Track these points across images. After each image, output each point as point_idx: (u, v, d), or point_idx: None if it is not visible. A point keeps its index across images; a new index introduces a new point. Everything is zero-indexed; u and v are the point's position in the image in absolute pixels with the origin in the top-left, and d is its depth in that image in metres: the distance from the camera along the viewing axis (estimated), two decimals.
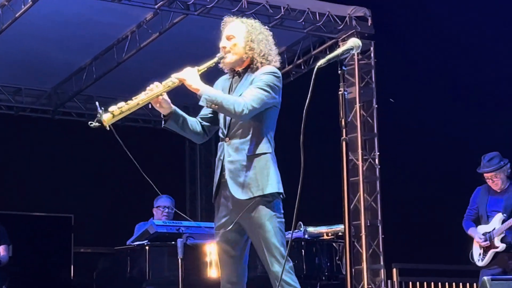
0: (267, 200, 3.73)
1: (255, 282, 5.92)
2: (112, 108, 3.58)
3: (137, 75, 8.62)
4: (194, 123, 3.88)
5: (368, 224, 8.18)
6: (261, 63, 3.79)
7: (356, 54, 8.02)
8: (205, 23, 7.72)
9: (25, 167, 9.41)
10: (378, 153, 8.15)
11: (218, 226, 3.83)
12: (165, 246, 6.61)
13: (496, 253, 6.40)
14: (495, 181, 6.40)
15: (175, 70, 3.77)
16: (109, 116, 3.55)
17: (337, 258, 7.02)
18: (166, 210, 7.35)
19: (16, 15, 7.54)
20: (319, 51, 8.87)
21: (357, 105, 8.10)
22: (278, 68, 4.11)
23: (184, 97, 4.22)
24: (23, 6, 7.51)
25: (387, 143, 8.18)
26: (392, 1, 8.76)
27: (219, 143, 3.87)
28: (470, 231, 6.56)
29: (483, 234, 6.44)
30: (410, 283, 8.59)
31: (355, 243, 8.02)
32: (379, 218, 8.14)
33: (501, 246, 6.32)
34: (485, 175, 6.43)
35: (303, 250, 6.88)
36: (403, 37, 9.06)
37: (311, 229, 6.89)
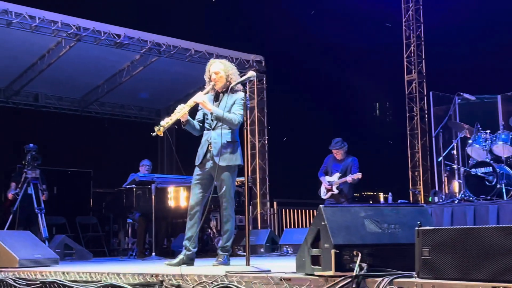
0: (233, 167, 4.99)
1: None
2: (162, 123, 4.81)
3: (131, 90, 11.96)
4: (197, 124, 5.18)
5: (261, 177, 12.09)
6: (235, 88, 4.97)
7: (255, 81, 11.82)
8: (171, 62, 10.88)
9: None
10: (267, 137, 12.18)
11: (198, 175, 5.07)
12: (145, 188, 8.31)
13: (332, 194, 8.60)
14: (337, 154, 8.61)
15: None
16: (161, 129, 4.82)
17: (242, 197, 8.63)
18: (147, 167, 9.23)
19: (60, 54, 10.34)
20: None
21: (256, 110, 12.14)
22: None
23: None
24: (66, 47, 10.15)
25: (272, 132, 12.31)
26: (279, 52, 13.17)
27: (205, 131, 5.13)
28: (321, 179, 8.64)
29: (328, 182, 8.58)
30: (283, 210, 12.56)
31: (253, 187, 11.87)
32: (267, 174, 12.13)
33: (336, 191, 8.51)
34: (333, 150, 8.63)
35: None
36: (283, 72, 13.54)
37: None
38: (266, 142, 12.30)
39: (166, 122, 4.82)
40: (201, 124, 5.19)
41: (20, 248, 5.54)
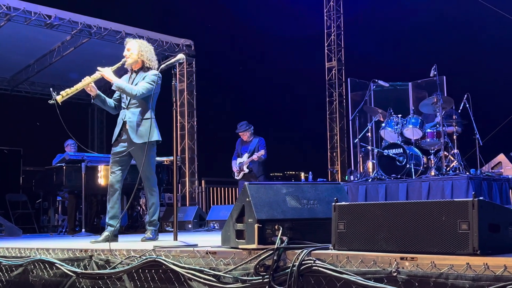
0: (150, 144, 4.89)
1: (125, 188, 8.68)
2: (62, 92, 4.68)
3: (62, 71, 11.59)
4: (111, 102, 5.10)
5: (189, 156, 12.08)
6: (149, 64, 4.94)
7: (185, 64, 11.79)
8: (102, 43, 10.77)
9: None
10: (195, 119, 12.18)
11: (115, 153, 4.97)
12: (74, 166, 8.27)
13: (244, 173, 8.76)
14: (244, 136, 8.78)
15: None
16: (60, 97, 4.64)
17: (171, 175, 8.83)
18: (72, 146, 9.49)
19: None
20: (164, 62, 12.21)
21: (185, 93, 12.09)
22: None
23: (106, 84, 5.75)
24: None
25: (200, 113, 12.32)
26: (208, 38, 13.14)
27: (121, 110, 5.00)
28: (232, 163, 8.85)
29: (239, 163, 8.77)
30: (210, 188, 12.70)
31: (182, 166, 11.90)
32: (195, 153, 12.14)
33: (246, 170, 8.68)
34: (239, 133, 8.83)
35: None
36: (211, 54, 13.57)
37: (157, 158, 7.25)
38: (195, 123, 12.26)
39: (66, 91, 4.70)
40: (117, 103, 5.09)
41: None
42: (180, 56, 4.19)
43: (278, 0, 14.32)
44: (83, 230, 7.70)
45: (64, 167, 8.18)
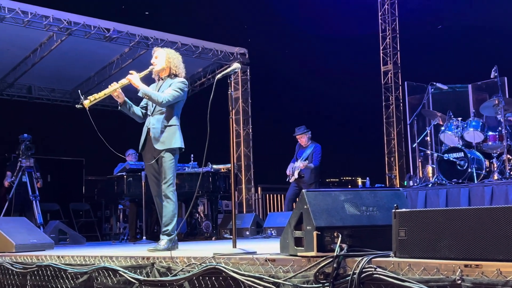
0: (172, 150, 4.80)
1: (184, 195, 8.07)
2: (89, 97, 4.51)
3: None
4: (137, 109, 4.95)
5: (246, 164, 12.00)
6: (175, 72, 4.84)
7: (240, 73, 11.80)
8: None
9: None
10: (251, 126, 12.09)
11: (145, 162, 4.91)
12: (135, 176, 8.36)
13: (295, 178, 8.71)
14: (301, 140, 8.75)
15: (143, 80, 4.67)
16: (87, 101, 4.46)
17: (228, 182, 8.88)
18: (133, 155, 9.42)
19: (52, 48, 10.24)
20: (219, 71, 11.76)
21: (240, 100, 12.07)
22: (196, 79, 7.53)
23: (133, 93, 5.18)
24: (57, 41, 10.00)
25: (255, 121, 12.23)
26: (261, 44, 13.10)
27: (147, 118, 4.87)
28: (289, 166, 8.86)
29: (292, 168, 8.72)
30: (267, 195, 12.54)
31: (239, 174, 11.83)
32: (251, 160, 12.09)
33: (296, 176, 8.61)
34: (296, 136, 8.81)
35: (210, 177, 8.75)
36: (266, 64, 13.46)
37: (214, 166, 8.86)
38: (250, 130, 12.24)
39: (94, 96, 4.59)
40: (144, 111, 4.98)
41: (16, 233, 5.48)
42: (236, 65, 4.19)
43: (332, 5, 14.16)
44: (144, 237, 7.79)
45: (125, 176, 8.27)
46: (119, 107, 4.83)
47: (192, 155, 8.59)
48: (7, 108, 12.17)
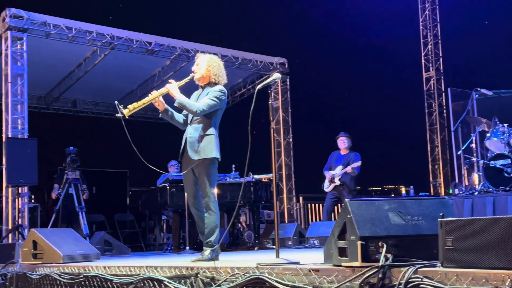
0: (209, 161, 4.67)
1: (225, 205, 8.14)
2: (129, 106, 4.49)
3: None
4: (179, 116, 4.85)
5: (287, 173, 11.88)
6: (215, 80, 4.72)
7: (279, 83, 11.70)
8: None
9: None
10: (291, 136, 11.95)
11: (183, 172, 4.77)
12: (178, 186, 8.36)
13: (335, 186, 8.55)
14: (343, 143, 8.55)
15: (184, 92, 4.69)
16: (127, 110, 4.43)
17: (270, 191, 8.75)
18: (175, 166, 9.46)
19: (96, 62, 10.41)
20: (259, 81, 11.89)
21: (280, 110, 11.97)
22: (236, 89, 7.36)
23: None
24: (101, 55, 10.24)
25: (296, 130, 12.02)
26: (300, 53, 13.04)
27: (187, 126, 4.78)
28: (325, 173, 8.65)
29: (332, 175, 8.57)
30: (309, 204, 12.38)
31: (280, 183, 11.71)
32: (292, 170, 11.92)
33: (337, 182, 8.47)
34: (339, 138, 8.63)
35: (251, 187, 8.70)
36: (305, 73, 13.37)
37: (256, 175, 8.86)
38: (291, 140, 12.16)
39: (133, 105, 4.57)
40: (184, 118, 4.88)
41: (63, 244, 5.57)
42: (276, 75, 4.14)
43: (372, 11, 14.00)
44: (187, 247, 7.78)
45: (168, 187, 8.26)
46: (160, 115, 4.82)
47: (233, 165, 8.53)
48: (53, 122, 12.44)
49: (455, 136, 10.58)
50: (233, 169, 8.63)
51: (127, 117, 4.41)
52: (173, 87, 4.65)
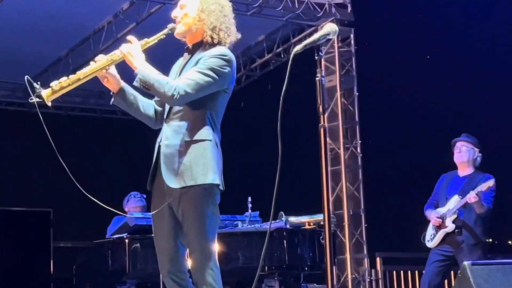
0: (200, 191, 3.32)
1: (235, 274, 6.32)
2: (53, 83, 3.26)
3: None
4: (148, 105, 3.49)
5: (351, 213, 7.71)
6: (211, 37, 3.37)
7: (336, 42, 7.76)
8: None
9: (1, 161, 8.93)
10: (360, 142, 7.72)
11: (154, 209, 3.46)
12: (145, 239, 6.22)
13: (446, 234, 6.05)
14: (462, 151, 6.06)
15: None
16: (48, 91, 3.24)
17: (318, 248, 6.53)
18: (139, 200, 6.95)
19: None
20: (298, 39, 8.17)
21: (338, 93, 7.62)
22: (254, 55, 4.10)
23: None
24: None
25: (368, 131, 7.62)
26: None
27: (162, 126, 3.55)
28: (427, 212, 6.21)
29: (439, 213, 6.13)
30: (394, 271, 8.01)
31: (338, 233, 7.55)
32: (362, 207, 7.67)
33: (450, 226, 5.95)
34: (457, 143, 6.09)
35: (285, 240, 6.43)
36: (384, 24, 8.59)
37: (292, 218, 6.44)
38: (358, 149, 7.59)
39: (61, 83, 3.13)
40: (159, 109, 3.40)
41: None
42: (330, 28, 2.77)
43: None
44: None
45: (126, 241, 6.48)
46: (112, 100, 3.35)
47: (249, 199, 6.59)
48: None
49: None
50: (249, 205, 6.67)
51: (48, 103, 3.17)
52: (132, 49, 3.25)
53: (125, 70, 3.32)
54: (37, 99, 3.15)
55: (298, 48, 2.83)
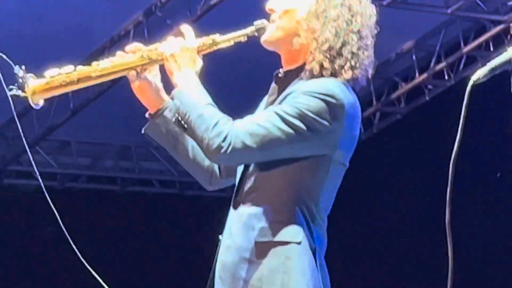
0: None
1: None
2: (47, 73, 2.28)
3: None
4: None
5: None
6: (321, 66, 2.17)
7: None
8: None
9: None
10: None
11: None
12: None
13: None
14: None
15: None
16: (36, 85, 2.28)
17: None
18: None
19: None
20: (474, 46, 5.10)
21: None
22: (400, 80, 3.67)
23: None
24: None
25: None
26: None
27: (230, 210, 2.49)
28: None
29: None
30: None
31: None
32: None
33: None
34: None
35: None
36: None
37: None
38: None
39: (61, 74, 2.20)
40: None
41: None
42: None
43: None
44: None
45: None
46: (145, 126, 2.31)
47: None
48: None
49: None
50: None
51: (34, 104, 2.28)
52: (182, 50, 2.20)
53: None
54: (20, 93, 2.26)
55: (480, 73, 1.84)
